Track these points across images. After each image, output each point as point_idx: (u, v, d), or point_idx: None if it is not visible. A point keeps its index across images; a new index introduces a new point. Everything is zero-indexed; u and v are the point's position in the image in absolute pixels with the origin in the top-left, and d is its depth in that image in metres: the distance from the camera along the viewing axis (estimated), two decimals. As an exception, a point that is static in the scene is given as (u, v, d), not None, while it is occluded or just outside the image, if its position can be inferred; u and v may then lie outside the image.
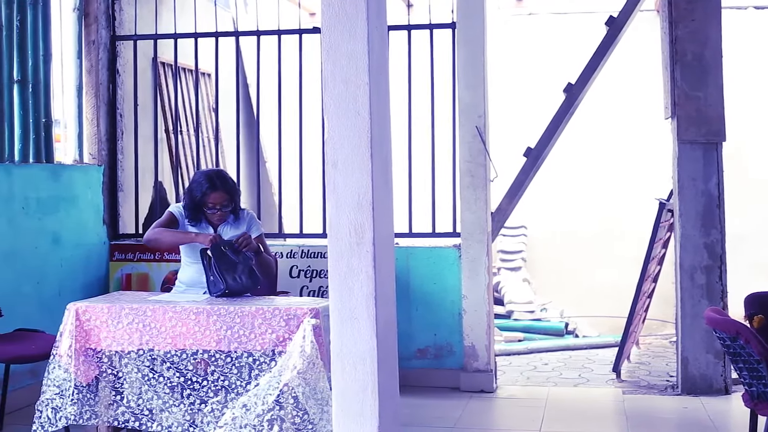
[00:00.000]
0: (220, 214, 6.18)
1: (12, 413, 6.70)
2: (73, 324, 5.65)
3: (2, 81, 7.04)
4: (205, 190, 6.11)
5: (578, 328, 10.88)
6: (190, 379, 5.57)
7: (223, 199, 6.14)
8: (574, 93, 8.00)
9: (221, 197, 6.14)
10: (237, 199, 6.28)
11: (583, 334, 10.73)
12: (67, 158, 8.00)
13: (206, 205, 6.13)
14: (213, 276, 5.90)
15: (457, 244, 7.67)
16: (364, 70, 4.07)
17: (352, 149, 4.08)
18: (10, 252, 6.94)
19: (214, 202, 6.13)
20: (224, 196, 6.15)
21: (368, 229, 4.07)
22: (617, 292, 10.22)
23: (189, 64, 8.74)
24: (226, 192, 6.16)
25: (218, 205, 6.14)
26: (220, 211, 6.16)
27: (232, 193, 6.22)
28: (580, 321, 11.08)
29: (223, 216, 6.21)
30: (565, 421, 6.73)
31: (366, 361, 4.09)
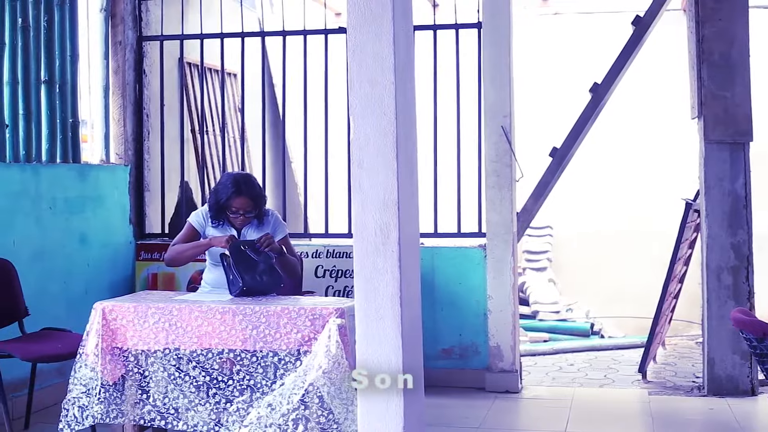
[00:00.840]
0: (243, 219, 6.17)
1: (38, 412, 6.74)
2: (100, 323, 5.67)
3: (30, 81, 7.08)
4: (230, 194, 6.10)
5: (604, 329, 10.85)
6: (215, 378, 5.58)
7: (247, 204, 6.13)
8: (600, 93, 7.97)
9: (245, 203, 6.12)
10: (261, 206, 6.25)
11: (609, 335, 10.70)
12: (94, 158, 8.03)
13: (229, 209, 6.13)
14: (232, 275, 5.90)
15: (482, 244, 7.66)
16: (390, 70, 4.07)
17: (378, 149, 4.09)
18: (38, 251, 6.98)
19: (237, 207, 6.12)
20: (248, 203, 6.13)
21: (394, 229, 4.07)
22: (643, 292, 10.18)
23: (215, 64, 8.77)
24: (251, 198, 6.14)
25: (241, 210, 6.13)
26: (242, 217, 6.15)
27: (257, 199, 6.19)
28: (606, 321, 11.05)
29: (246, 221, 6.20)
30: (591, 422, 6.71)
31: (391, 360, 4.10)
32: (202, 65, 8.44)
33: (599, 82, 7.97)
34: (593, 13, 12.09)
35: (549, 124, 10.55)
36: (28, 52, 7.05)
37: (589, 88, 8.01)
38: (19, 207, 6.81)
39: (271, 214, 6.38)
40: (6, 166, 6.77)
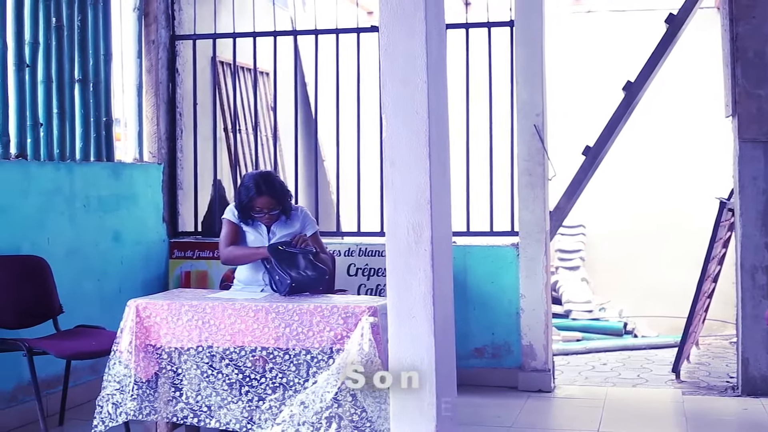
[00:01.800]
0: (268, 217, 6.20)
1: (72, 408, 6.78)
2: (134, 320, 5.70)
3: (64, 80, 7.12)
4: (251, 195, 6.14)
5: (637, 328, 10.80)
6: (248, 376, 5.60)
7: (269, 203, 6.16)
8: (633, 91, 7.94)
9: (267, 202, 6.16)
10: (285, 202, 6.27)
11: (642, 334, 10.65)
12: (128, 157, 8.07)
13: (253, 210, 6.17)
14: (278, 275, 5.92)
15: (515, 243, 7.64)
16: (423, 69, 4.07)
17: (411, 148, 4.09)
18: (72, 249, 7.02)
19: (261, 207, 6.16)
20: (270, 201, 6.16)
21: (426, 228, 4.07)
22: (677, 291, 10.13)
23: (248, 63, 8.79)
24: (272, 197, 6.17)
25: (265, 209, 6.16)
26: (267, 215, 6.19)
27: (279, 196, 6.22)
28: (639, 321, 11.00)
29: (272, 219, 6.23)
30: (624, 422, 6.69)
31: (423, 359, 4.10)
32: (234, 64, 8.46)
33: (632, 80, 7.94)
34: (626, 11, 12.03)
35: (582, 123, 10.51)
36: (62, 52, 7.10)
37: (623, 86, 7.98)
38: (53, 205, 6.86)
39: (300, 210, 6.41)
40: (40, 164, 6.81)
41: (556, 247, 11.93)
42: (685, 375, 8.25)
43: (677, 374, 8.18)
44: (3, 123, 6.53)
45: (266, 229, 6.28)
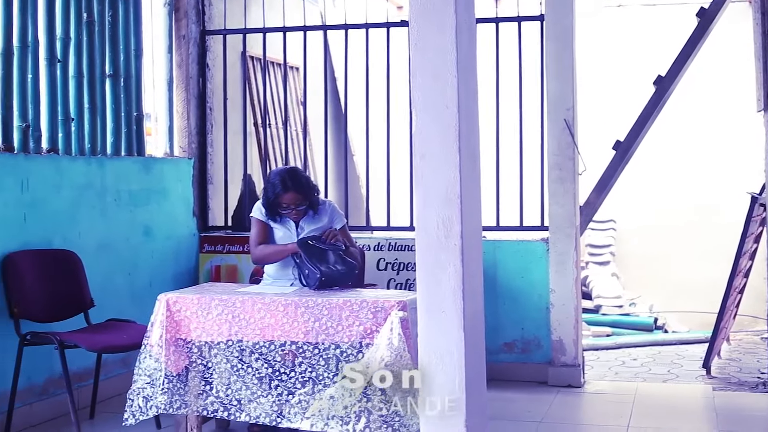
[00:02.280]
0: (296, 213, 6.23)
1: (103, 401, 6.82)
2: (164, 314, 5.73)
3: (95, 75, 7.16)
4: (278, 191, 6.17)
5: (667, 324, 10.75)
6: (278, 370, 5.61)
7: (296, 198, 6.19)
8: (664, 85, 7.90)
9: (294, 197, 6.19)
10: (312, 196, 6.30)
11: (673, 330, 10.60)
12: (158, 151, 8.10)
13: (280, 206, 6.20)
14: (307, 269, 5.94)
15: (545, 237, 7.63)
16: (453, 63, 4.06)
17: (440, 142, 4.08)
18: (103, 244, 7.06)
19: (287, 203, 6.19)
20: (297, 197, 6.19)
21: (456, 223, 4.06)
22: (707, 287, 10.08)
23: (277, 58, 8.80)
24: (299, 192, 6.19)
25: (292, 204, 6.20)
26: (294, 211, 6.22)
27: (306, 191, 6.24)
28: (670, 316, 10.96)
29: (299, 214, 6.26)
30: (654, 417, 6.66)
31: (453, 354, 4.09)
32: (264, 59, 8.48)
33: (663, 74, 7.90)
34: (657, 5, 11.97)
35: (612, 117, 10.47)
36: (93, 47, 7.13)
37: (653, 80, 7.94)
38: (84, 199, 6.89)
39: (327, 204, 6.43)
40: (72, 159, 6.85)
41: (587, 242, 11.89)
42: (716, 371, 8.21)
43: (708, 370, 8.14)
44: (35, 118, 6.57)
45: (294, 225, 6.31)
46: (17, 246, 6.26)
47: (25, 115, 6.49)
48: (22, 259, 6.23)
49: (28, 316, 6.17)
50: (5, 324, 6.12)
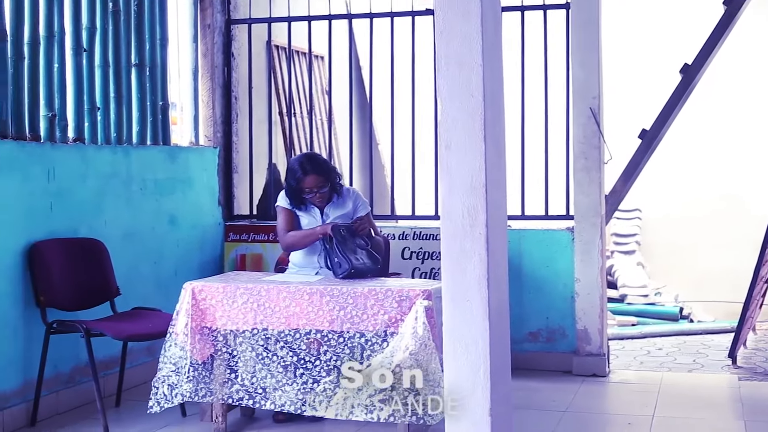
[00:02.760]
0: (319, 196, 6.29)
1: (129, 389, 6.85)
2: (189, 303, 5.75)
3: (121, 65, 7.17)
4: (298, 176, 6.25)
5: (693, 313, 10.71)
6: (303, 358, 5.63)
7: (317, 181, 6.26)
8: (690, 73, 7.86)
9: (315, 180, 6.25)
10: (333, 178, 6.38)
11: (698, 319, 10.55)
12: (184, 140, 8.12)
13: (303, 192, 6.26)
14: (337, 257, 5.98)
15: (570, 226, 7.60)
16: (478, 51, 4.05)
17: (466, 131, 4.07)
18: (129, 232, 7.08)
19: (309, 186, 6.25)
20: (318, 179, 6.26)
21: (481, 212, 4.05)
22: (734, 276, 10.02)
23: (302, 47, 8.80)
24: (319, 174, 6.27)
25: (314, 188, 6.26)
26: (318, 194, 6.27)
27: (326, 173, 6.32)
28: (695, 306, 10.91)
29: (323, 197, 6.31)
30: (679, 407, 6.64)
31: (478, 343, 4.09)
32: (289, 48, 8.48)
33: (690, 62, 7.86)
34: (684, -7, 11.90)
35: (638, 106, 10.43)
36: (118, 36, 7.15)
37: (680, 69, 7.90)
38: (110, 188, 6.92)
39: (351, 191, 6.48)
40: (98, 148, 6.87)
41: (612, 231, 11.85)
42: (742, 360, 8.18)
43: (734, 359, 8.10)
44: (61, 107, 6.60)
45: (319, 212, 6.35)
46: (44, 235, 6.29)
47: (52, 104, 6.51)
48: (48, 248, 6.26)
49: (54, 304, 6.20)
50: (32, 312, 6.15)
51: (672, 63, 8.34)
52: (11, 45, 6.19)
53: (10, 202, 6.04)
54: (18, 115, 6.24)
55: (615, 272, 11.54)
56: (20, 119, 6.26)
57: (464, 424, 4.14)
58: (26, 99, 6.31)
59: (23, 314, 6.13)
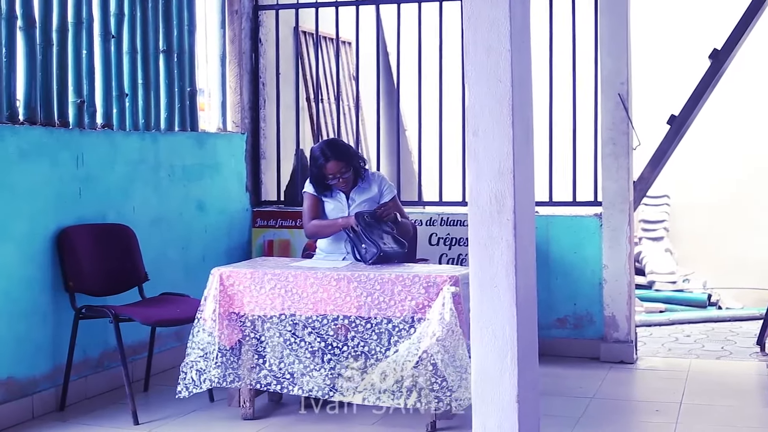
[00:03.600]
0: (342, 181, 6.32)
1: (157, 374, 6.89)
2: (217, 288, 5.77)
3: (149, 51, 7.19)
4: (320, 163, 6.29)
5: (721, 300, 10.66)
6: (330, 344, 5.64)
7: (339, 166, 6.29)
8: (720, 59, 7.80)
9: (337, 165, 6.29)
10: (355, 162, 6.40)
11: (727, 306, 10.50)
12: (211, 126, 8.14)
13: (326, 178, 6.29)
14: (365, 243, 5.99)
15: (598, 213, 7.58)
16: (506, 36, 4.04)
17: (493, 117, 4.06)
18: (157, 218, 7.11)
19: (332, 172, 6.28)
20: (339, 164, 6.30)
21: (509, 197, 4.04)
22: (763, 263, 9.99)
23: (330, 32, 8.80)
24: (340, 159, 6.31)
25: (337, 173, 6.29)
26: (341, 179, 6.30)
27: (347, 157, 6.35)
28: (724, 292, 10.85)
29: (346, 182, 6.34)
30: (707, 394, 6.62)
31: (505, 329, 4.09)
32: (317, 34, 8.47)
33: (719, 48, 7.81)
34: (714, -22, 11.82)
35: (667, 92, 10.37)
36: (146, 23, 7.16)
37: (709, 54, 7.85)
38: (138, 174, 6.94)
39: (376, 175, 6.51)
40: (126, 134, 6.89)
41: (640, 218, 11.81)
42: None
43: (762, 347, 8.06)
44: (89, 93, 6.62)
45: (345, 197, 6.37)
46: (72, 220, 6.32)
47: (80, 90, 6.54)
48: (77, 234, 6.29)
49: (83, 289, 6.23)
50: (61, 297, 6.19)
51: (701, 48, 8.29)
52: (40, 32, 6.22)
53: (40, 188, 6.07)
54: (47, 101, 6.26)
55: (643, 259, 11.50)
56: (49, 106, 6.28)
57: (491, 410, 4.14)
58: (55, 85, 6.34)
59: (52, 300, 6.17)
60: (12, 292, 5.86)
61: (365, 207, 6.34)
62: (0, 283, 5.78)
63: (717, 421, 5.99)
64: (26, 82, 6.12)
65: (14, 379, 5.87)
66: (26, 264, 5.97)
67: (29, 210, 6.00)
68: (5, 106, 5.94)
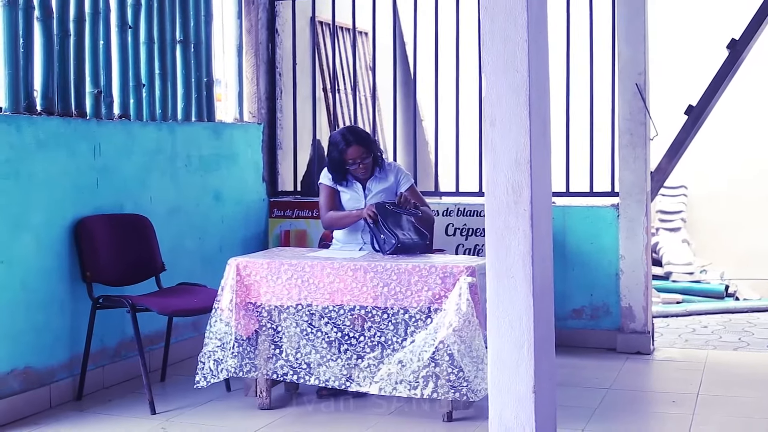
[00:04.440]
0: (363, 167, 6.31)
1: (174, 364, 6.91)
2: (234, 279, 5.78)
3: (165, 42, 7.20)
4: (341, 148, 6.28)
5: (739, 291, 10.64)
6: (347, 334, 5.65)
7: (360, 152, 6.29)
8: (737, 49, 7.77)
9: (358, 150, 6.28)
10: (375, 149, 6.41)
11: (744, 297, 10.49)
12: (228, 117, 8.14)
13: (346, 163, 6.28)
14: (383, 233, 5.98)
15: (615, 203, 7.56)
16: (523, 26, 4.03)
17: (510, 107, 4.05)
18: (174, 208, 7.12)
19: (353, 158, 6.27)
20: (360, 149, 6.29)
21: (526, 188, 4.04)
22: (780, 254, 9.97)
23: (346, 23, 8.79)
24: (361, 144, 6.31)
25: (357, 159, 6.28)
26: (361, 164, 6.30)
27: (367, 143, 6.35)
28: (741, 283, 10.83)
29: (366, 168, 6.33)
30: (724, 385, 6.60)
31: (522, 319, 4.08)
32: (333, 24, 8.47)
33: (737, 38, 7.77)
34: (731, -33, 11.77)
35: (685, 82, 10.34)
36: (163, 13, 7.17)
37: (727, 44, 7.82)
38: (155, 165, 6.95)
39: (393, 165, 6.51)
40: (143, 124, 6.91)
41: (657, 208, 11.79)
42: (788, 339, 8.14)
43: (780, 338, 8.06)
44: (106, 84, 6.63)
45: (362, 186, 6.37)
46: (90, 210, 6.34)
47: (97, 81, 6.55)
48: (94, 224, 6.31)
49: (100, 279, 6.25)
50: (78, 287, 6.21)
51: (719, 38, 8.25)
52: (57, 22, 6.23)
53: (57, 178, 6.09)
54: (64, 91, 6.28)
55: (660, 249, 11.48)
56: (66, 96, 6.30)
57: (507, 401, 4.14)
58: (72, 76, 6.35)
59: (70, 289, 6.19)
60: (30, 282, 5.89)
61: (382, 197, 6.34)
62: (18, 273, 5.80)
63: (734, 412, 5.97)
64: (43, 73, 6.13)
65: (32, 368, 5.89)
66: (44, 254, 6.00)
67: (47, 200, 6.02)
68: (23, 96, 5.96)
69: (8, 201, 5.73)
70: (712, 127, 9.53)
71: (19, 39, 5.95)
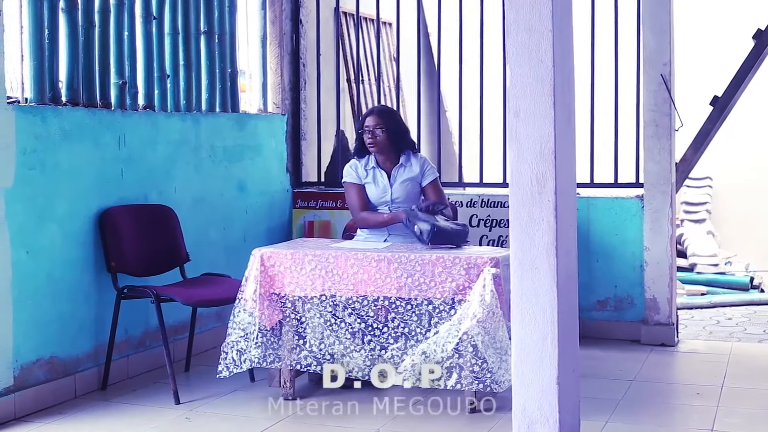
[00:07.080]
0: (371, 137, 6.38)
1: (198, 354, 6.93)
2: (258, 269, 5.79)
3: (190, 32, 7.21)
4: (364, 115, 6.52)
5: (764, 283, 10.59)
6: (370, 325, 5.65)
7: (376, 121, 6.40)
8: (763, 39, 7.72)
9: (375, 120, 6.41)
10: (397, 130, 6.45)
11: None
12: (252, 108, 8.15)
13: (363, 129, 6.37)
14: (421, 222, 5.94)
15: (639, 194, 7.54)
16: (548, 17, 4.02)
17: (535, 98, 4.04)
18: (198, 199, 7.14)
19: (368, 125, 6.40)
20: (377, 119, 6.41)
21: (550, 179, 4.03)
22: (806, 246, 9.91)
23: (370, 13, 8.79)
24: (380, 116, 6.44)
25: (371, 126, 6.39)
26: (372, 132, 6.35)
27: (387, 119, 6.46)
28: (766, 275, 10.78)
29: (375, 140, 6.37)
30: (749, 378, 6.58)
31: (546, 311, 4.08)
32: (357, 15, 8.46)
33: (763, 28, 7.73)
34: (758, -43, 11.70)
35: (710, 72, 10.29)
36: (188, 4, 7.17)
37: (753, 34, 7.77)
38: (180, 155, 6.97)
39: (419, 156, 6.54)
40: (167, 115, 6.92)
41: (682, 200, 11.75)
42: (814, 331, 8.09)
43: (805, 330, 8.02)
44: (131, 75, 6.65)
45: (386, 174, 6.39)
46: (114, 201, 6.36)
47: (122, 72, 6.56)
48: (119, 214, 6.33)
49: (125, 270, 6.27)
50: (103, 278, 6.23)
51: (745, 29, 8.21)
52: (82, 13, 6.25)
53: (82, 168, 6.11)
54: (89, 82, 6.30)
55: (685, 241, 11.44)
56: (91, 87, 6.31)
57: (531, 392, 4.13)
58: (97, 67, 6.37)
59: (95, 279, 6.21)
60: (55, 273, 5.91)
61: (408, 186, 6.36)
62: (43, 264, 5.83)
63: (759, 404, 5.95)
64: (69, 64, 6.15)
65: (57, 358, 5.92)
66: (69, 244, 6.02)
67: (72, 191, 6.04)
68: (48, 87, 5.98)
69: (34, 191, 5.75)
70: (738, 118, 9.48)
71: (45, 30, 5.97)
